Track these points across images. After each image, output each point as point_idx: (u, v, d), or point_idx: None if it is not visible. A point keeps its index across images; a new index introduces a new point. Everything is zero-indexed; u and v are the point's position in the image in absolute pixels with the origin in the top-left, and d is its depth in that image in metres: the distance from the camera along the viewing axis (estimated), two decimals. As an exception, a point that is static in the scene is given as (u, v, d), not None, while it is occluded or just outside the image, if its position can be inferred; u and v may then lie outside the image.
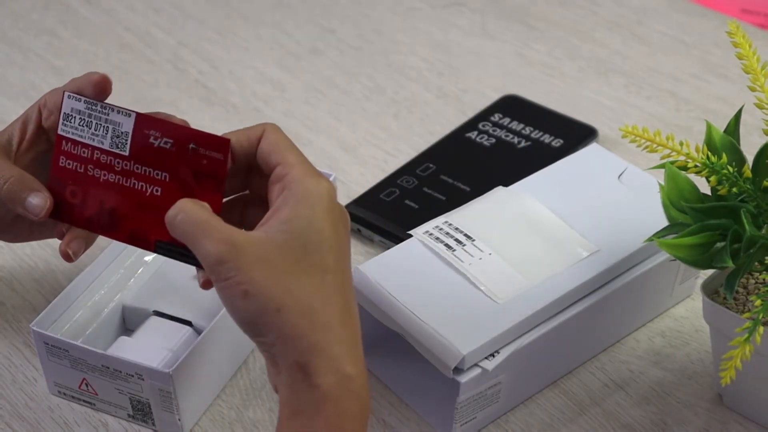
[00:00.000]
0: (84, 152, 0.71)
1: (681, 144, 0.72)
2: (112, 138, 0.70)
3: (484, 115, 1.06)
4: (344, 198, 0.97)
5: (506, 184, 0.87)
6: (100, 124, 0.70)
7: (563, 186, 0.87)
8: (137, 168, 0.70)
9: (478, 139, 1.03)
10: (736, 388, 0.77)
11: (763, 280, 0.78)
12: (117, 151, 0.70)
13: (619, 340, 0.86)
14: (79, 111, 0.71)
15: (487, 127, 1.05)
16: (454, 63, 1.16)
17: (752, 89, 0.74)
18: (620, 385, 0.83)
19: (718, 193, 0.73)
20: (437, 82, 1.14)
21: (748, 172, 0.72)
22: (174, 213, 0.66)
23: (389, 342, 0.81)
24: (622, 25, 1.22)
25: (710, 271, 0.78)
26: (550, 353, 0.80)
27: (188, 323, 0.83)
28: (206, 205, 0.67)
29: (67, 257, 0.75)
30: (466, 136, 1.04)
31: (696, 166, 0.72)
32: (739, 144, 0.74)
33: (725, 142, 0.74)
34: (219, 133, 0.68)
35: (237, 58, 1.19)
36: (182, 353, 0.78)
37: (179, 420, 0.78)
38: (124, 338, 0.82)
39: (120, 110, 0.70)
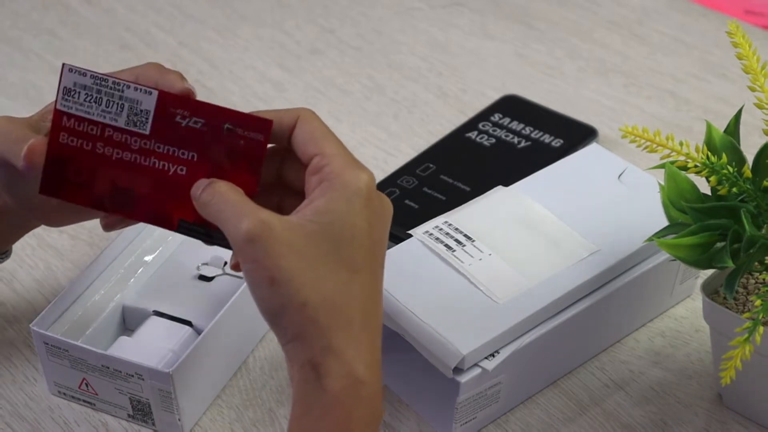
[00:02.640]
0: (92, 129, 0.67)
1: (681, 144, 0.72)
2: (128, 116, 0.67)
3: (484, 115, 1.06)
4: (344, 198, 0.97)
5: (506, 184, 0.87)
6: (113, 101, 0.67)
7: (563, 186, 0.87)
8: (158, 147, 0.67)
9: (478, 139, 1.03)
10: (736, 388, 0.77)
11: (763, 280, 0.78)
12: (135, 129, 0.67)
13: (619, 340, 0.86)
14: (85, 86, 0.67)
15: (487, 127, 1.05)
16: (454, 63, 1.16)
17: (752, 89, 0.74)
18: (620, 385, 0.83)
19: (718, 193, 0.73)
20: (437, 82, 1.14)
21: (748, 172, 0.72)
22: (206, 192, 0.65)
23: (389, 342, 0.81)
24: (622, 25, 1.22)
25: (710, 271, 0.78)
26: (550, 353, 0.80)
27: (188, 323, 0.83)
28: (239, 189, 0.65)
29: (105, 228, 0.72)
30: (466, 136, 1.04)
31: (696, 166, 0.72)
32: (739, 144, 0.74)
33: (725, 142, 0.74)
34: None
35: (237, 58, 1.19)
36: (182, 353, 0.78)
37: (179, 420, 0.78)
38: (124, 338, 0.82)
39: (138, 87, 0.67)
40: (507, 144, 1.03)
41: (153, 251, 0.88)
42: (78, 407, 0.81)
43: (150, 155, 0.67)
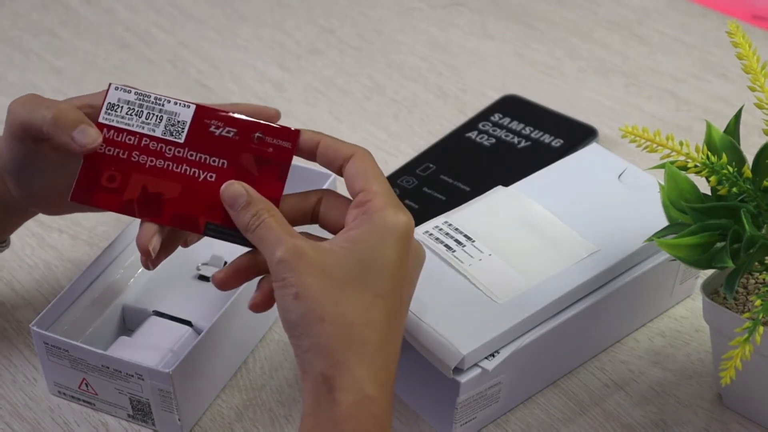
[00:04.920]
0: (129, 139, 0.72)
1: (681, 144, 0.72)
2: (165, 126, 0.72)
3: (484, 115, 1.06)
4: (344, 198, 0.97)
5: (506, 184, 0.87)
6: (153, 114, 0.72)
7: (563, 186, 0.87)
8: (191, 155, 0.71)
9: (478, 139, 1.03)
10: (736, 388, 0.77)
11: (763, 280, 0.78)
12: (170, 138, 0.72)
13: (619, 340, 0.86)
14: (128, 101, 0.72)
15: (487, 127, 1.05)
16: (454, 63, 1.16)
17: (752, 89, 0.74)
18: (620, 385, 0.83)
19: (718, 193, 0.73)
20: (437, 82, 1.14)
21: (748, 172, 0.72)
22: (251, 217, 0.69)
23: (389, 342, 0.81)
24: (622, 25, 1.22)
25: (710, 271, 0.78)
26: (550, 353, 0.80)
27: (188, 323, 0.83)
28: (280, 215, 0.69)
29: (147, 254, 0.71)
30: (466, 136, 1.04)
31: (696, 166, 0.72)
32: (739, 144, 0.74)
33: (725, 142, 0.74)
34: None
35: (237, 58, 1.19)
36: (182, 353, 0.78)
37: (179, 420, 0.78)
38: (124, 338, 0.82)
39: (178, 102, 0.72)
40: (507, 144, 1.03)
41: (153, 251, 0.88)
42: (78, 407, 0.81)
43: (182, 162, 0.72)
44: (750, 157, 0.74)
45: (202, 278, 0.86)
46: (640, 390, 0.82)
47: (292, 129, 0.71)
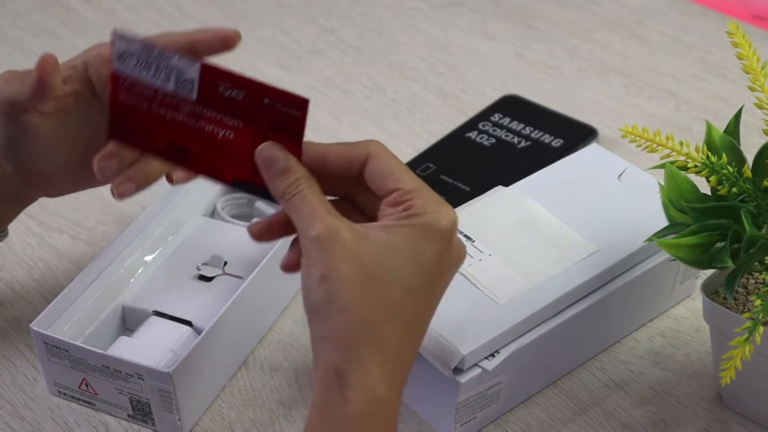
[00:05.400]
0: (146, 91, 0.70)
1: (681, 144, 0.72)
2: (176, 82, 0.69)
3: (484, 115, 1.06)
4: (344, 198, 0.97)
5: (506, 184, 0.87)
6: (161, 68, 0.69)
7: (563, 186, 0.87)
8: (207, 111, 0.69)
9: (478, 139, 1.03)
10: (736, 388, 0.77)
11: (763, 280, 0.78)
12: (183, 94, 0.69)
13: (619, 340, 0.86)
14: (133, 53, 0.69)
15: (487, 127, 1.05)
16: (454, 63, 1.16)
17: (752, 89, 0.74)
18: (620, 385, 0.83)
19: (718, 193, 0.73)
20: (437, 82, 1.14)
21: (748, 172, 0.72)
22: (288, 186, 0.66)
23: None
24: (622, 25, 1.22)
25: (710, 271, 0.78)
26: (550, 353, 0.80)
27: (188, 323, 0.83)
28: (319, 190, 0.66)
29: (117, 197, 0.75)
30: (466, 136, 1.04)
31: (696, 166, 0.72)
32: (739, 144, 0.74)
33: (725, 142, 0.74)
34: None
35: (237, 58, 1.18)
36: (182, 353, 0.78)
37: (179, 420, 0.78)
38: (124, 338, 0.82)
39: (182, 58, 0.69)
40: (507, 144, 1.03)
41: (153, 251, 0.88)
42: (78, 407, 0.81)
43: (199, 118, 0.69)
44: (750, 157, 0.74)
45: (202, 278, 0.86)
46: (640, 390, 0.82)
47: (301, 97, 0.68)
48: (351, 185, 0.69)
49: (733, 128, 0.75)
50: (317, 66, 1.17)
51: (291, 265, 0.67)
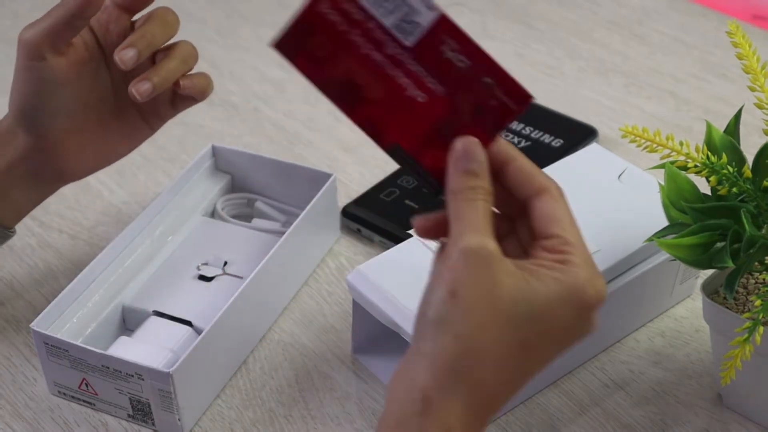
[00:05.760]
0: (356, 13, 0.62)
1: (681, 144, 0.72)
2: (398, 20, 0.62)
3: (484, 115, 1.06)
4: (344, 198, 0.97)
5: (506, 184, 0.87)
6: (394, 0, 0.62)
7: (563, 186, 0.87)
8: (411, 64, 0.62)
9: (478, 139, 1.03)
10: (736, 388, 0.77)
11: (763, 280, 0.78)
12: (398, 35, 0.62)
13: (619, 340, 0.86)
14: None
15: (487, 127, 1.05)
16: (454, 63, 1.16)
17: (752, 89, 0.74)
18: (620, 385, 0.83)
19: (718, 193, 0.73)
20: (437, 82, 1.14)
21: (748, 172, 0.72)
22: (463, 185, 0.61)
23: (389, 342, 0.81)
24: (622, 25, 1.22)
25: (710, 271, 0.78)
26: (550, 353, 0.80)
27: (188, 323, 0.83)
28: (489, 204, 0.62)
29: (137, 96, 0.79)
30: (466, 136, 1.04)
31: (696, 166, 0.72)
32: (739, 144, 0.74)
33: (725, 142, 0.74)
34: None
35: (237, 58, 1.19)
36: (182, 353, 0.78)
37: (179, 420, 0.78)
38: (124, 338, 0.82)
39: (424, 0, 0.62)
40: (507, 144, 1.03)
41: (153, 251, 0.88)
42: (78, 407, 0.81)
43: (399, 67, 0.63)
44: (750, 157, 0.74)
45: (202, 278, 0.86)
46: (640, 390, 0.82)
47: (526, 91, 0.63)
48: (512, 207, 0.65)
49: (733, 128, 0.75)
50: (317, 66, 1.17)
51: (425, 229, 0.63)
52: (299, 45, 0.64)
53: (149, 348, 0.80)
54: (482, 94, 0.62)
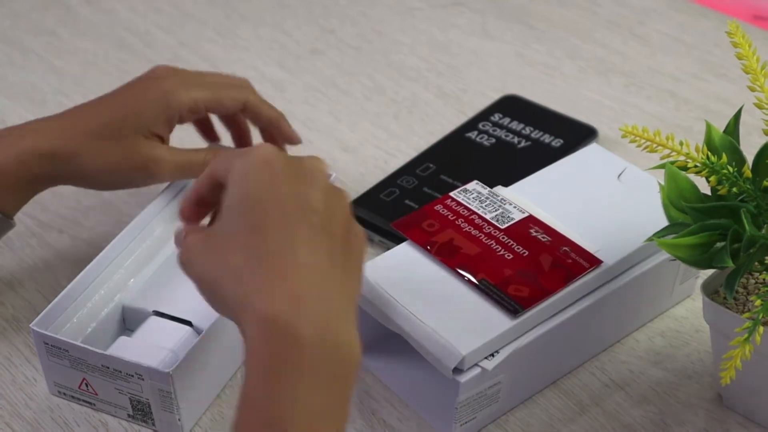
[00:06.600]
0: (463, 211, 0.82)
1: (681, 144, 0.72)
2: (496, 215, 0.82)
3: (484, 115, 1.06)
4: (344, 198, 0.97)
5: (506, 184, 0.87)
6: (494, 205, 0.83)
7: (563, 186, 0.87)
8: (503, 238, 0.80)
9: (478, 139, 1.03)
10: (736, 388, 0.77)
11: (763, 280, 0.78)
12: (494, 221, 0.81)
13: (619, 340, 0.86)
14: (479, 193, 0.84)
15: (487, 127, 1.05)
16: (454, 63, 1.16)
17: (752, 89, 0.74)
18: (620, 385, 0.83)
19: (718, 193, 0.73)
20: (437, 82, 1.14)
21: (748, 172, 0.72)
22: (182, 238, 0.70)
23: (389, 342, 0.81)
24: (622, 25, 1.22)
25: (710, 271, 0.78)
26: (550, 353, 0.80)
27: (188, 323, 0.83)
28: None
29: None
30: (466, 136, 1.04)
31: (696, 166, 0.72)
32: (739, 144, 0.74)
33: (725, 142, 0.74)
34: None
35: (237, 58, 1.19)
36: (182, 353, 0.78)
37: (179, 420, 0.78)
38: (124, 338, 0.82)
39: (516, 207, 0.83)
40: (507, 144, 1.03)
41: (153, 251, 0.88)
42: (78, 407, 0.81)
43: (492, 238, 0.80)
44: (750, 157, 0.74)
45: (202, 278, 0.86)
46: (640, 390, 0.82)
47: (597, 257, 0.79)
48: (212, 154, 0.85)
49: (733, 128, 0.75)
50: (317, 66, 1.17)
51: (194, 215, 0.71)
52: (413, 224, 0.82)
53: (149, 348, 0.80)
54: (560, 255, 0.79)
